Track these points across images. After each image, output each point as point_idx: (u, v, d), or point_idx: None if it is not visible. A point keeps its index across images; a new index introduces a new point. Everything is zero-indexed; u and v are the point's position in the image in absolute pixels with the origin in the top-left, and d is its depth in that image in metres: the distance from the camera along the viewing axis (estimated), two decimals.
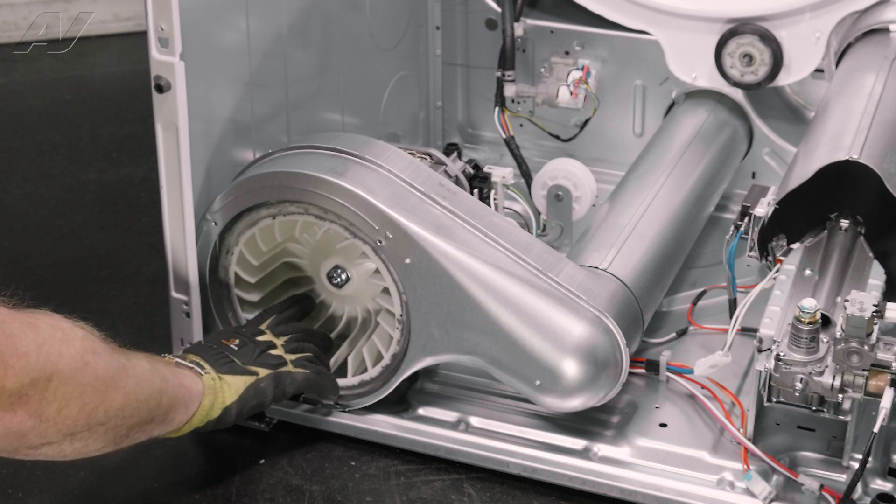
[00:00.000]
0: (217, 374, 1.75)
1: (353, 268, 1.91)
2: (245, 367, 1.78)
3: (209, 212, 1.90)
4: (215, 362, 1.76)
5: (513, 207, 2.16)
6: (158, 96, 1.82)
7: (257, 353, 1.81)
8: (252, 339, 1.83)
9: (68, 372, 1.46)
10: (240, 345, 1.81)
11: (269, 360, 1.81)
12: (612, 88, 2.50)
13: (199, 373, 1.73)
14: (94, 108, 3.18)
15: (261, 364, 1.80)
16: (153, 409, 1.62)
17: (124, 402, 1.55)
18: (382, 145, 1.90)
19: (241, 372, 1.77)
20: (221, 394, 1.74)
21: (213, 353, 1.78)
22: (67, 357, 1.46)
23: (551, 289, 1.79)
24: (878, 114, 1.96)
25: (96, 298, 2.35)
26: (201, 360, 1.76)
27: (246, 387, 1.76)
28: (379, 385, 1.90)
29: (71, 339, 1.48)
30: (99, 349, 1.52)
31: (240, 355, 1.79)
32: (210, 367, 1.75)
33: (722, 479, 1.78)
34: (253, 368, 1.79)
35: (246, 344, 1.81)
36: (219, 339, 1.82)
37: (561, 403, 1.80)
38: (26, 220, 2.65)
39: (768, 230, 1.92)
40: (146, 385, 1.60)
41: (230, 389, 1.75)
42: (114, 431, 1.56)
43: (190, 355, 1.77)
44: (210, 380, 1.73)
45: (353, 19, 2.30)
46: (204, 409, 1.72)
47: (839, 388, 1.65)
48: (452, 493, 1.83)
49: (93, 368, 1.50)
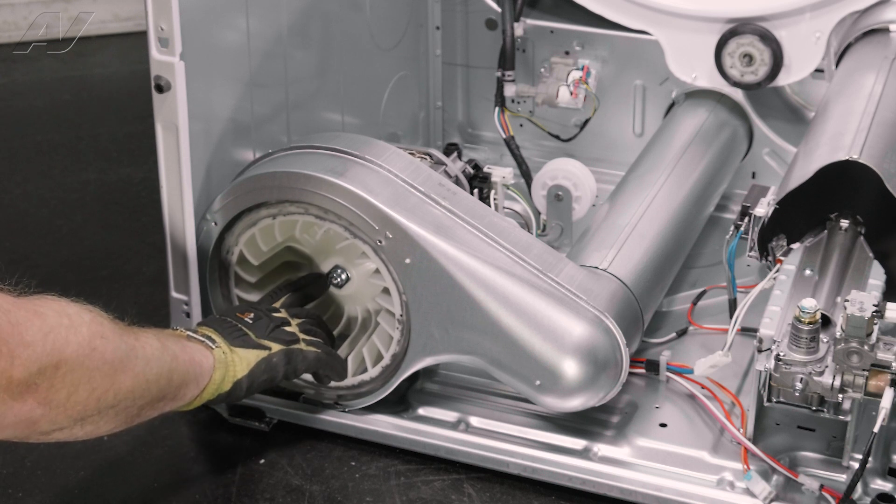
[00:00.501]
0: (229, 347, 1.74)
1: (353, 268, 1.91)
2: (258, 340, 1.77)
3: (209, 212, 1.90)
4: (228, 335, 1.75)
5: (513, 207, 2.16)
6: (158, 96, 1.82)
7: (271, 328, 1.80)
8: (267, 313, 1.82)
9: (76, 358, 1.46)
10: (254, 318, 1.80)
11: (283, 336, 1.80)
12: (612, 88, 2.50)
13: (211, 346, 1.72)
14: (94, 108, 3.18)
15: (274, 339, 1.79)
16: (164, 387, 1.62)
17: (134, 384, 1.55)
18: (382, 145, 1.90)
19: (253, 346, 1.76)
20: (233, 367, 1.73)
21: (226, 327, 1.77)
22: (74, 343, 1.46)
23: (551, 289, 1.79)
24: (878, 114, 1.96)
25: (96, 298, 2.33)
26: (214, 332, 1.75)
27: (257, 361, 1.75)
28: (379, 385, 1.90)
29: (78, 324, 1.48)
30: (107, 332, 1.52)
31: (254, 329, 1.78)
32: (222, 340, 1.74)
33: (722, 479, 1.78)
34: (266, 343, 1.77)
35: (261, 318, 1.80)
36: (233, 313, 1.81)
37: (561, 403, 1.80)
38: (26, 220, 2.65)
39: (768, 230, 1.92)
40: (156, 364, 1.60)
41: (241, 363, 1.74)
42: (125, 412, 1.57)
43: (202, 328, 1.76)
44: (221, 353, 1.72)
45: (353, 19, 2.30)
46: (215, 383, 1.71)
47: (839, 388, 1.65)
48: (452, 493, 1.83)
49: (101, 353, 1.50)
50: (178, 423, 1.96)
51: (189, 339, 1.72)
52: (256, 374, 1.75)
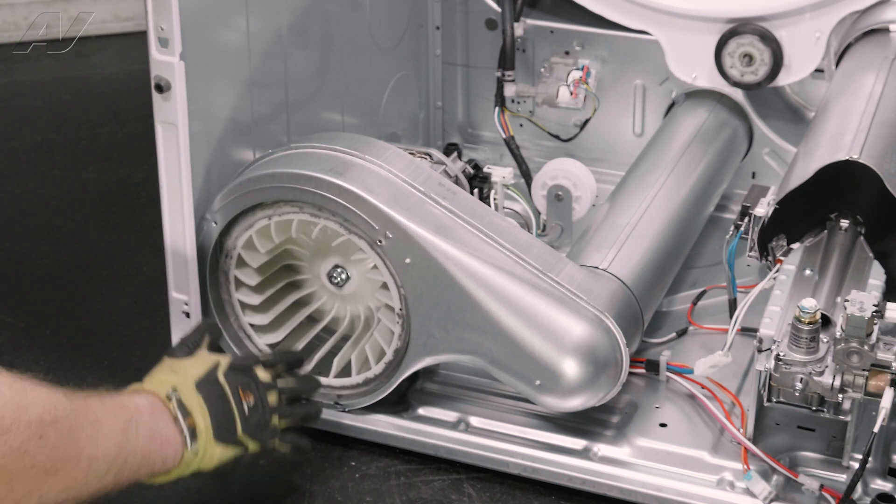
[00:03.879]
0: (210, 440, 1.66)
1: (352, 265, 1.91)
2: (241, 436, 1.70)
3: (209, 212, 1.90)
4: (218, 424, 1.67)
5: (513, 207, 2.16)
6: (158, 96, 1.82)
7: (262, 426, 1.72)
8: (264, 401, 1.73)
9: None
10: (252, 407, 1.71)
11: (265, 437, 1.73)
12: (612, 88, 2.50)
13: (186, 445, 1.63)
14: (94, 108, 3.18)
15: (255, 438, 1.71)
16: (108, 482, 1.52)
17: (67, 487, 1.46)
18: (382, 145, 1.90)
19: (233, 442, 1.69)
20: (198, 462, 1.66)
21: (222, 411, 1.68)
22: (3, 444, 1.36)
23: (551, 289, 1.79)
24: (878, 114, 1.96)
25: (96, 298, 2.35)
26: (205, 417, 1.66)
27: (228, 458, 1.70)
28: (382, 383, 1.90)
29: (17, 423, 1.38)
30: (51, 432, 1.42)
31: (245, 422, 1.70)
32: (208, 430, 1.66)
33: (722, 479, 1.78)
34: (246, 441, 1.71)
35: (257, 408, 1.72)
36: (237, 386, 1.71)
37: (561, 403, 1.80)
38: (26, 220, 2.65)
39: (768, 230, 1.92)
40: (103, 465, 1.51)
41: (212, 459, 1.67)
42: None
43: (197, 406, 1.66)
44: (192, 455, 1.65)
45: (353, 19, 2.30)
46: (170, 476, 1.65)
47: (839, 388, 1.65)
48: (452, 493, 1.83)
49: (32, 457, 1.40)
50: None
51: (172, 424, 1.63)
52: (220, 468, 1.70)
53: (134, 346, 2.21)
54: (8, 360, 2.16)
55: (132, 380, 1.78)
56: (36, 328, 2.26)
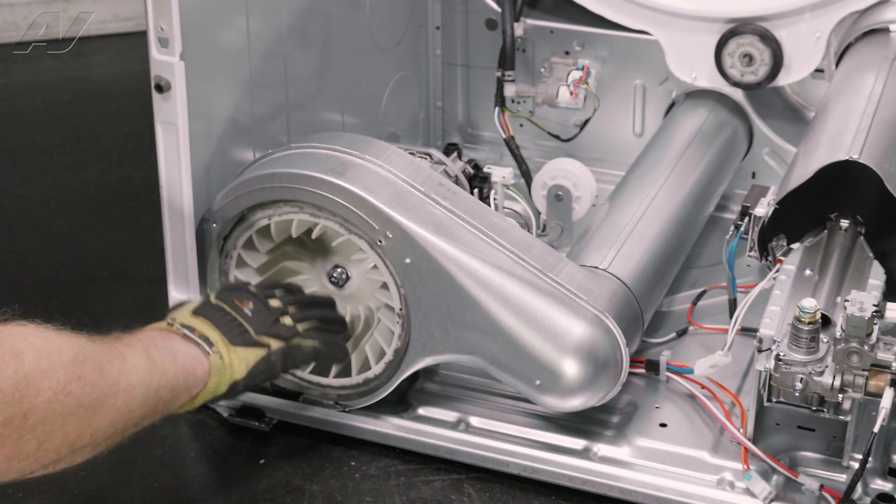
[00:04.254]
0: (228, 346, 1.69)
1: (352, 265, 1.91)
2: (258, 337, 1.72)
3: (209, 212, 1.90)
4: (228, 331, 1.70)
5: (513, 207, 2.16)
6: (158, 96, 1.82)
7: (271, 322, 1.75)
8: (266, 303, 1.77)
9: (47, 406, 1.39)
10: (254, 310, 1.74)
11: (282, 332, 1.76)
12: (612, 88, 2.50)
13: (207, 351, 1.67)
14: (94, 108, 3.18)
15: (274, 335, 1.74)
16: (150, 408, 1.57)
17: (113, 420, 1.50)
18: (382, 145, 1.90)
19: (253, 343, 1.72)
20: (230, 369, 1.68)
21: (226, 321, 1.71)
22: (48, 390, 1.39)
23: (551, 289, 1.79)
24: (878, 114, 1.96)
25: (96, 298, 2.35)
26: (212, 329, 1.69)
27: (257, 360, 1.72)
28: (382, 382, 1.90)
29: (55, 367, 1.41)
30: (87, 371, 1.45)
31: (253, 322, 1.73)
32: (221, 339, 1.68)
33: (722, 479, 1.78)
34: (265, 340, 1.73)
35: (260, 310, 1.75)
36: (232, 299, 1.75)
37: (561, 403, 1.80)
38: (26, 220, 2.65)
39: (768, 230, 1.92)
40: (141, 390, 1.54)
41: (240, 364, 1.70)
42: (104, 444, 1.51)
43: (200, 323, 1.69)
44: (218, 359, 1.67)
45: (353, 19, 2.30)
46: (209, 390, 1.67)
47: (839, 388, 1.65)
48: (452, 493, 1.83)
49: (76, 397, 1.43)
50: (178, 423, 1.96)
51: (184, 340, 1.67)
52: (255, 373, 1.72)
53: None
54: None
55: None
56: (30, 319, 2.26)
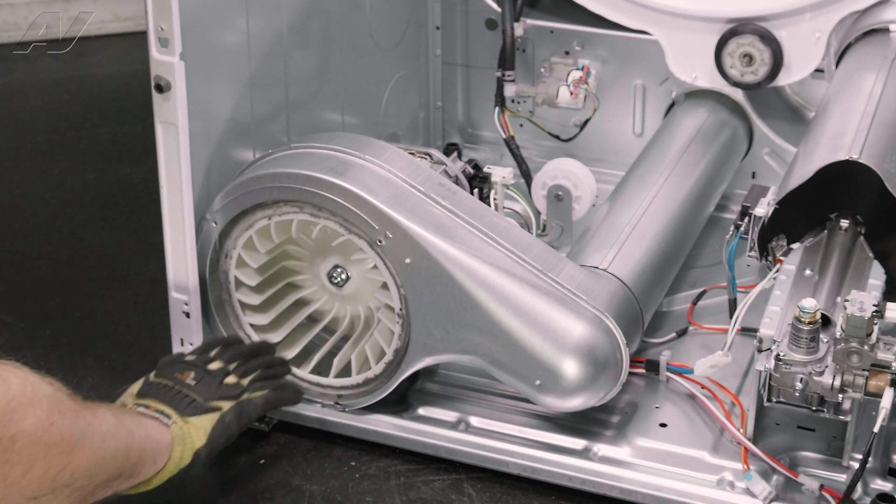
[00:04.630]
0: (182, 418, 1.70)
1: (352, 265, 1.91)
2: (207, 403, 1.73)
3: (209, 212, 1.90)
4: (178, 404, 1.71)
5: (513, 207, 2.16)
6: (158, 96, 1.82)
7: (216, 385, 1.76)
8: (206, 369, 1.78)
9: (34, 432, 1.40)
10: (196, 378, 1.75)
11: (230, 392, 1.76)
12: (612, 88, 2.50)
13: (166, 423, 1.68)
14: (94, 108, 3.18)
15: (222, 397, 1.75)
16: (120, 465, 1.57)
17: (91, 462, 1.50)
18: (382, 145, 1.91)
19: (205, 410, 1.73)
20: (190, 439, 1.69)
21: (172, 395, 1.73)
22: (34, 416, 1.41)
23: (551, 289, 1.79)
24: (878, 114, 1.96)
25: (96, 298, 2.35)
26: (164, 405, 1.71)
27: (213, 425, 1.72)
28: (382, 383, 1.90)
29: (39, 397, 1.42)
30: (65, 408, 1.46)
31: (199, 390, 1.74)
32: (174, 411, 1.70)
33: (722, 479, 1.78)
34: (215, 404, 1.74)
35: (202, 377, 1.76)
36: (172, 374, 1.76)
37: (561, 403, 1.80)
38: (26, 220, 2.65)
39: (768, 230, 1.92)
40: (112, 441, 1.55)
41: (198, 432, 1.71)
42: (79, 491, 1.51)
43: (151, 402, 1.71)
44: (178, 429, 1.69)
45: (353, 19, 2.30)
46: (174, 460, 1.68)
47: (839, 388, 1.65)
48: (452, 493, 1.83)
49: (59, 429, 1.44)
50: None
51: (142, 415, 1.68)
52: (214, 438, 1.72)
53: (134, 346, 2.21)
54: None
55: (132, 380, 1.78)
56: (36, 328, 2.26)
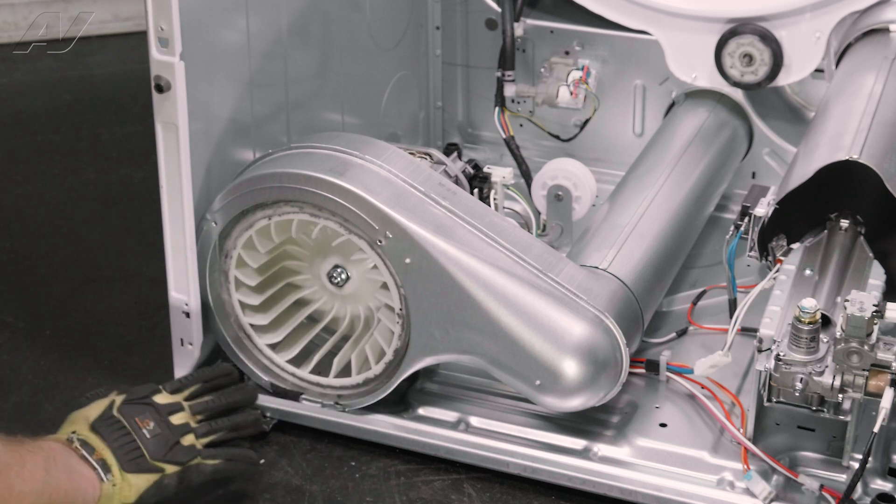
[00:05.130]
0: (121, 472, 1.69)
1: (352, 265, 1.91)
2: (153, 462, 1.71)
3: (209, 212, 1.90)
4: (123, 455, 1.69)
5: (513, 207, 2.16)
6: (158, 96, 1.82)
7: (168, 447, 1.73)
8: (167, 423, 1.75)
9: None
10: (153, 432, 1.73)
11: (179, 457, 1.74)
12: (612, 88, 2.50)
13: (102, 478, 1.67)
14: (94, 108, 3.18)
15: (170, 461, 1.73)
16: None
17: None
18: (382, 145, 1.91)
19: (146, 469, 1.71)
20: (120, 496, 1.69)
21: (122, 443, 1.70)
22: None
23: (551, 289, 1.79)
24: (878, 114, 1.96)
25: (96, 298, 2.35)
26: (108, 452, 1.69)
27: (147, 486, 1.71)
28: (382, 383, 1.90)
29: None
30: None
31: (150, 446, 1.72)
32: (115, 463, 1.68)
33: (722, 479, 1.78)
34: (160, 465, 1.72)
35: (159, 432, 1.74)
36: (133, 417, 1.74)
37: (561, 403, 1.80)
38: (26, 220, 2.65)
39: (768, 230, 1.92)
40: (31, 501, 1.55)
41: (130, 490, 1.69)
42: None
43: (97, 443, 1.69)
44: (110, 487, 1.67)
45: (353, 19, 2.30)
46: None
47: (839, 388, 1.65)
48: (452, 493, 1.83)
49: None
50: None
51: (81, 461, 1.67)
52: (145, 498, 1.71)
53: (134, 346, 2.21)
54: (8, 361, 2.16)
55: (132, 380, 1.79)
56: (36, 328, 2.26)
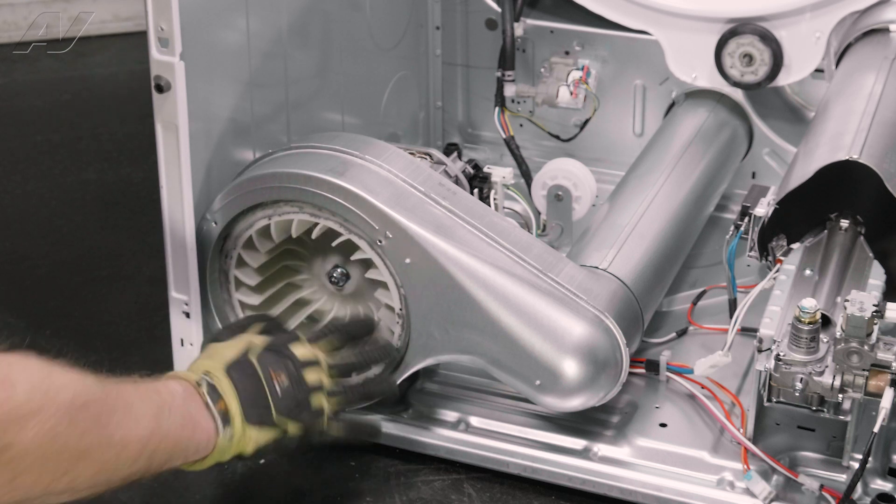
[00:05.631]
0: (244, 424, 1.63)
1: (352, 265, 1.91)
2: (277, 418, 1.65)
3: (209, 212, 1.90)
4: (250, 405, 1.63)
5: (513, 207, 2.16)
6: (158, 96, 1.82)
7: (297, 405, 1.67)
8: (300, 380, 1.68)
9: (28, 443, 1.34)
10: (284, 387, 1.66)
11: (305, 418, 1.68)
12: (612, 88, 2.50)
13: (219, 430, 1.60)
14: (94, 108, 3.18)
15: (295, 418, 1.67)
16: (142, 467, 1.51)
17: (98, 472, 1.44)
18: (382, 145, 1.91)
19: (270, 424, 1.65)
20: (238, 446, 1.63)
21: (252, 392, 1.64)
22: (34, 428, 1.34)
23: (551, 289, 1.79)
24: (878, 114, 1.96)
25: (96, 298, 2.35)
26: (236, 400, 1.62)
27: (267, 442, 1.66)
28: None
29: (47, 406, 1.36)
30: (82, 417, 1.40)
31: (279, 402, 1.65)
32: (240, 413, 1.62)
33: (722, 479, 1.78)
34: (284, 422, 1.66)
35: (291, 390, 1.67)
36: (268, 367, 1.66)
37: (561, 403, 1.80)
38: (26, 220, 2.65)
39: (768, 230, 1.92)
40: (135, 448, 1.48)
41: (250, 443, 1.64)
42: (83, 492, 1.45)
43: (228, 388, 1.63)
44: (226, 440, 1.61)
45: (353, 19, 2.30)
46: (207, 462, 1.63)
47: (839, 388, 1.65)
48: (452, 493, 1.83)
49: (62, 442, 1.38)
50: None
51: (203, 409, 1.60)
52: (262, 452, 1.67)
53: (134, 346, 2.20)
54: None
55: None
56: (36, 328, 2.26)
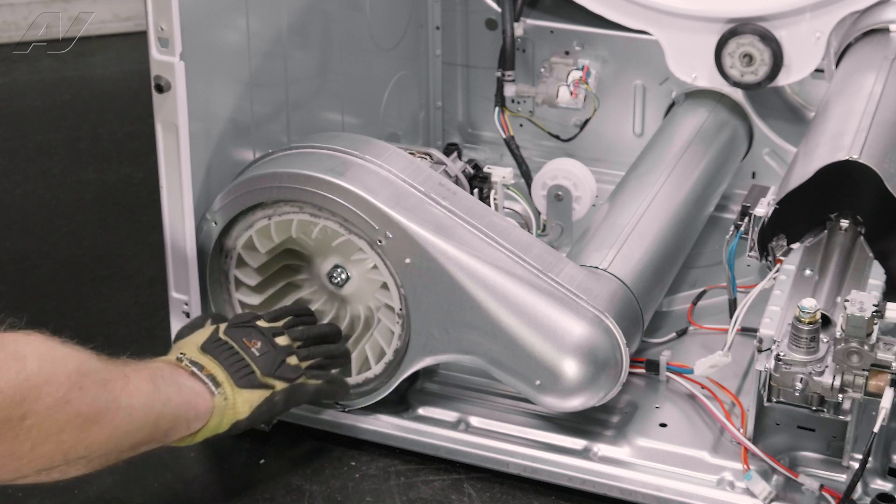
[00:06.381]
0: (233, 387, 1.71)
1: (352, 265, 1.91)
2: (263, 379, 1.75)
3: (209, 212, 1.90)
4: (234, 373, 1.72)
5: (513, 207, 2.16)
6: (158, 96, 1.82)
7: (277, 364, 1.77)
8: (273, 343, 1.79)
9: (45, 411, 1.41)
10: (261, 350, 1.76)
11: (287, 374, 1.77)
12: (612, 88, 2.50)
13: (213, 391, 1.69)
14: (94, 108, 3.18)
15: (279, 376, 1.76)
16: (148, 433, 1.59)
17: (111, 436, 1.51)
18: (382, 145, 1.91)
19: (258, 385, 1.74)
20: (233, 409, 1.71)
21: (233, 361, 1.74)
22: (48, 396, 1.41)
23: (551, 289, 1.79)
24: (878, 114, 1.96)
25: (96, 298, 2.35)
26: (219, 369, 1.72)
27: (260, 402, 1.74)
28: (382, 383, 1.90)
29: (57, 375, 1.43)
30: (89, 383, 1.47)
31: (260, 363, 1.75)
32: (227, 379, 1.71)
33: (722, 479, 1.78)
34: (270, 381, 1.75)
35: (267, 351, 1.77)
36: (241, 338, 1.77)
37: (561, 403, 1.80)
38: (26, 220, 2.65)
39: (768, 230, 1.92)
40: (141, 413, 1.56)
41: (244, 405, 1.72)
42: (98, 460, 1.53)
43: (208, 361, 1.72)
44: (222, 400, 1.70)
45: (353, 19, 2.30)
46: (210, 427, 1.69)
47: (839, 388, 1.65)
48: (452, 493, 1.83)
49: (76, 406, 1.45)
50: None
51: (191, 377, 1.69)
52: (257, 414, 1.74)
53: (134, 346, 2.19)
54: None
55: None
56: (36, 328, 2.25)
